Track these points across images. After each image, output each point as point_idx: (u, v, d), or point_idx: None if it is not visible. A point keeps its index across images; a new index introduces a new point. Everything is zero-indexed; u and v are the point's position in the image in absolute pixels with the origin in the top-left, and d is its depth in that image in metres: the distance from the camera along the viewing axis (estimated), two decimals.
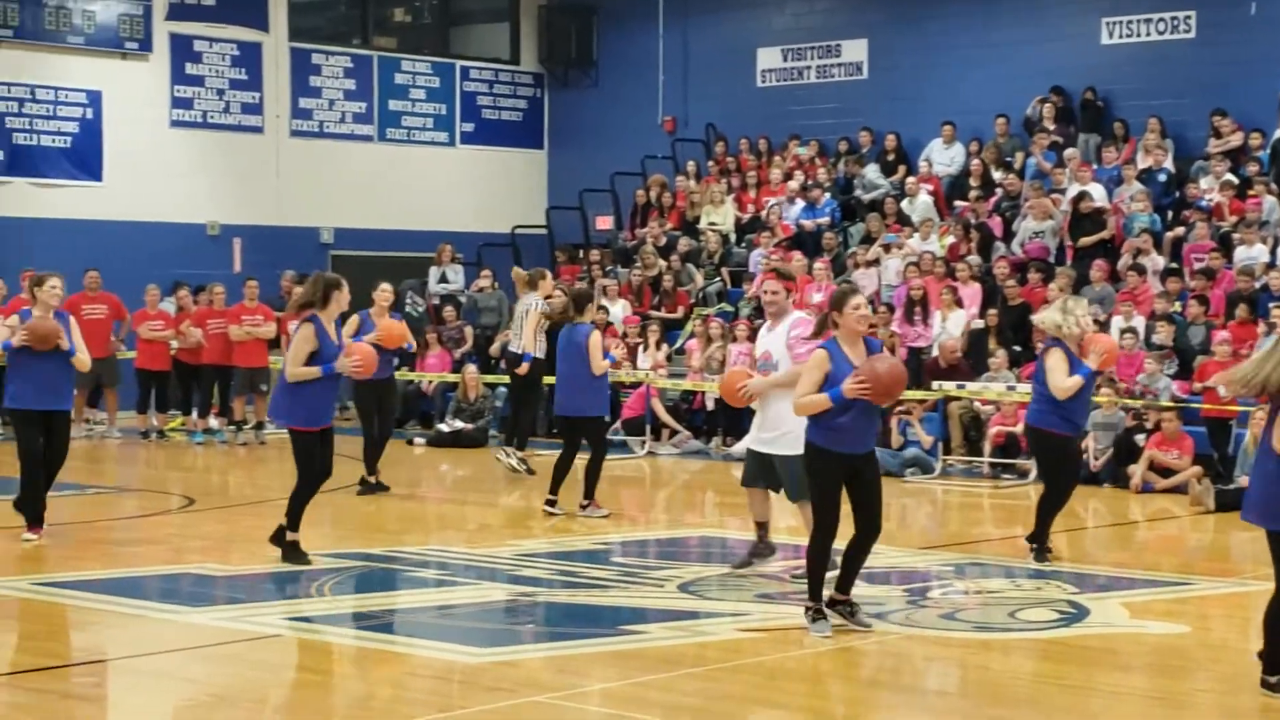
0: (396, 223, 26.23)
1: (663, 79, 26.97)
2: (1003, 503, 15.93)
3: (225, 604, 10.38)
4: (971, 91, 23.75)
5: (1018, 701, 8.01)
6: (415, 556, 12.07)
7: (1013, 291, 19.68)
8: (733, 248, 23.79)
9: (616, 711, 7.66)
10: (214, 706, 7.90)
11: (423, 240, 25.60)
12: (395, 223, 26.22)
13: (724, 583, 11.31)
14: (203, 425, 21.17)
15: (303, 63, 25.84)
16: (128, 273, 21.92)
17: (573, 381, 13.78)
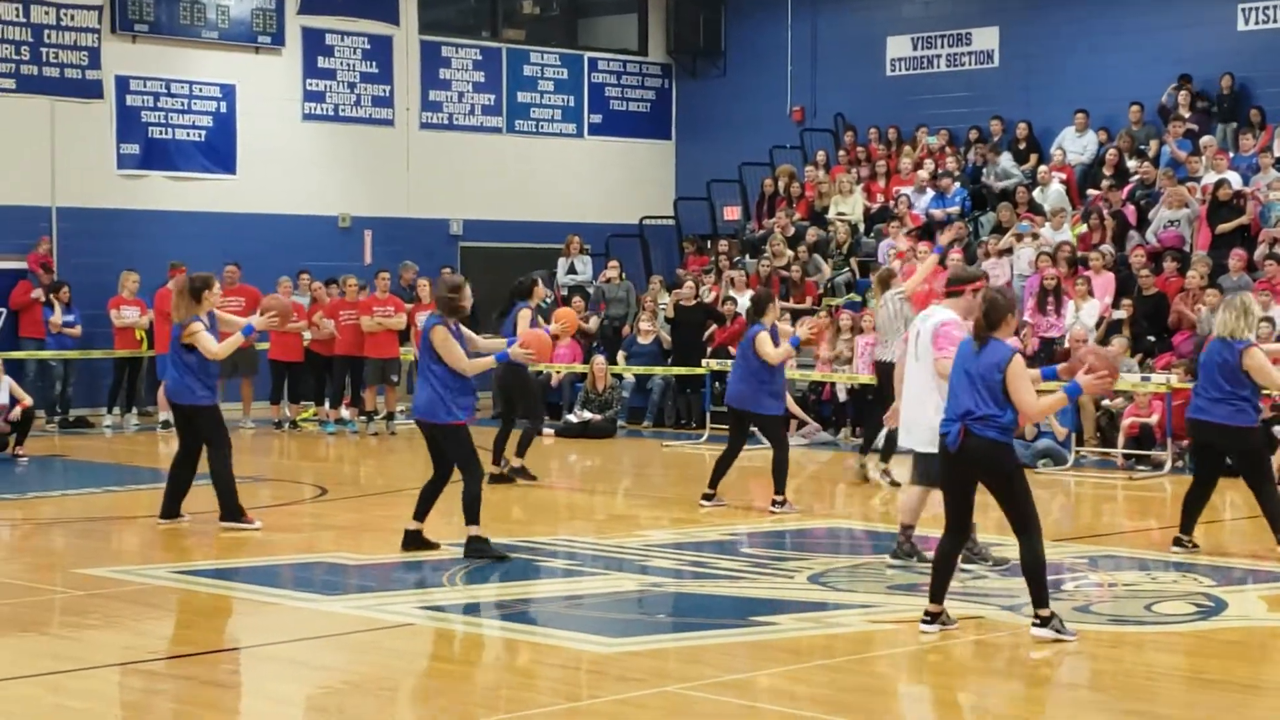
0: (525, 214, 26.38)
1: (791, 69, 26.87)
2: (1136, 495, 15.72)
3: (358, 593, 10.51)
4: (1104, 79, 23.42)
5: (1153, 696, 7.90)
6: (544, 546, 12.14)
7: (1147, 281, 19.39)
8: (861, 238, 23.66)
9: (746, 702, 7.66)
10: (347, 694, 8.00)
11: (551, 231, 25.73)
12: (523, 214, 26.37)
13: (854, 574, 11.27)
14: (334, 415, 21.44)
15: (432, 55, 26.06)
16: (261, 264, 22.27)
17: (747, 380, 13.78)
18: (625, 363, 22.24)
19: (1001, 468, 8.81)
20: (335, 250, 24.55)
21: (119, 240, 22.84)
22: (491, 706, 7.73)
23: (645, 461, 18.92)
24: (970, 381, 8.80)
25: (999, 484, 8.84)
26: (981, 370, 8.76)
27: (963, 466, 8.86)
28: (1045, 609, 8.85)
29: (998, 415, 8.71)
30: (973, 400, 8.75)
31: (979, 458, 8.76)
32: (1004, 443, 8.80)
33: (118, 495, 15.24)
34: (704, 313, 22.23)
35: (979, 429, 8.72)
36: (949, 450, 8.86)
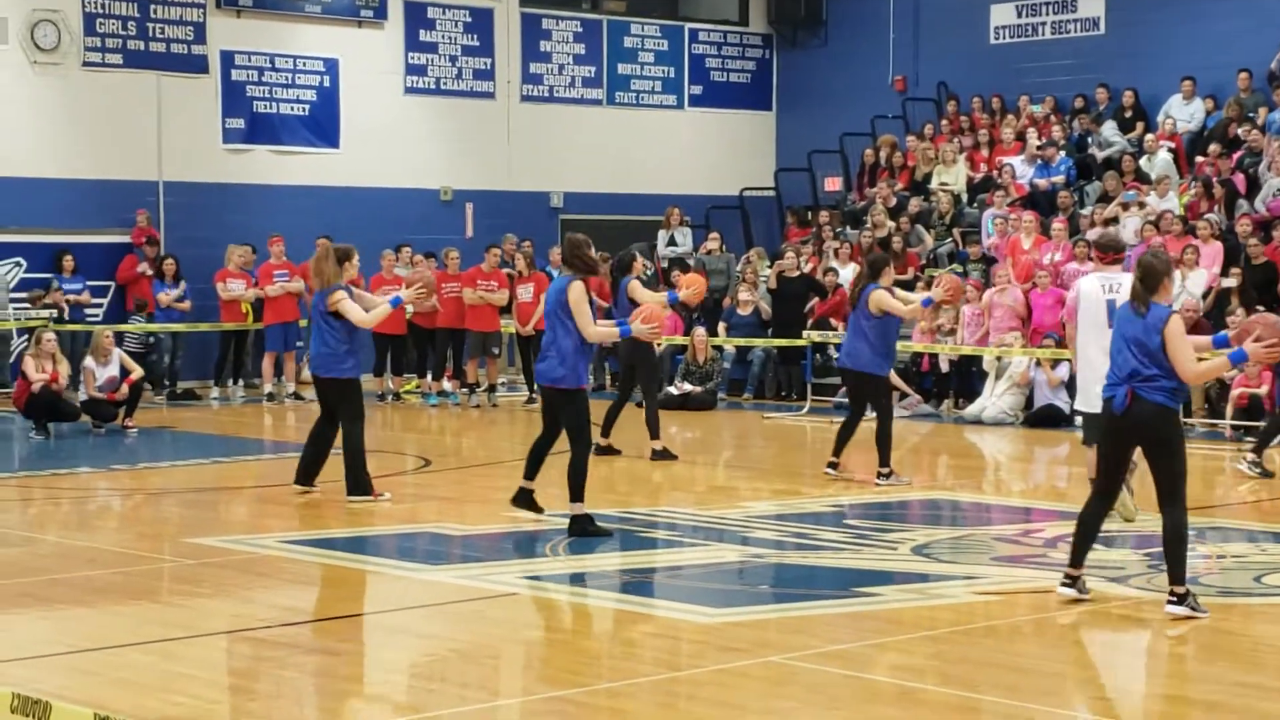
0: (625, 186, 26.39)
1: (893, 38, 26.67)
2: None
3: (461, 562, 10.59)
4: (1212, 45, 23.06)
5: (1263, 667, 7.81)
6: (645, 517, 12.17)
7: (1256, 250, 19.09)
8: (964, 208, 23.47)
9: (849, 672, 7.65)
10: (452, 662, 8.08)
11: (651, 203, 25.73)
12: (624, 186, 26.39)
13: (957, 546, 11.22)
14: (437, 388, 21.58)
15: (533, 27, 26.11)
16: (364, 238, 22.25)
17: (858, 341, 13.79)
18: (725, 334, 22.21)
19: (1166, 433, 8.76)
20: (437, 223, 24.70)
21: (224, 214, 23.11)
22: (595, 675, 7.77)
23: (746, 433, 18.91)
24: (1131, 345, 8.75)
25: (1161, 449, 8.77)
26: (1142, 333, 8.70)
27: (1127, 430, 8.80)
28: (1181, 586, 8.75)
29: (1164, 378, 8.65)
30: (1138, 363, 8.69)
31: (1146, 421, 8.69)
32: (1172, 407, 8.76)
33: (225, 466, 15.44)
34: (805, 284, 22.14)
35: (1146, 392, 8.66)
36: (1115, 413, 8.79)
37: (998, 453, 17.15)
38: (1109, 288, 11.43)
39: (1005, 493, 14.39)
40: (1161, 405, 8.68)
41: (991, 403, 19.10)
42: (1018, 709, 7.07)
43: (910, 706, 7.13)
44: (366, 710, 7.26)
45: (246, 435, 18.29)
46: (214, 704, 7.23)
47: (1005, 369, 19.22)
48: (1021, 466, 16.41)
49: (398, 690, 7.69)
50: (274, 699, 7.37)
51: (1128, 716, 7.15)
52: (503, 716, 7.16)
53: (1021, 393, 19.04)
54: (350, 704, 7.31)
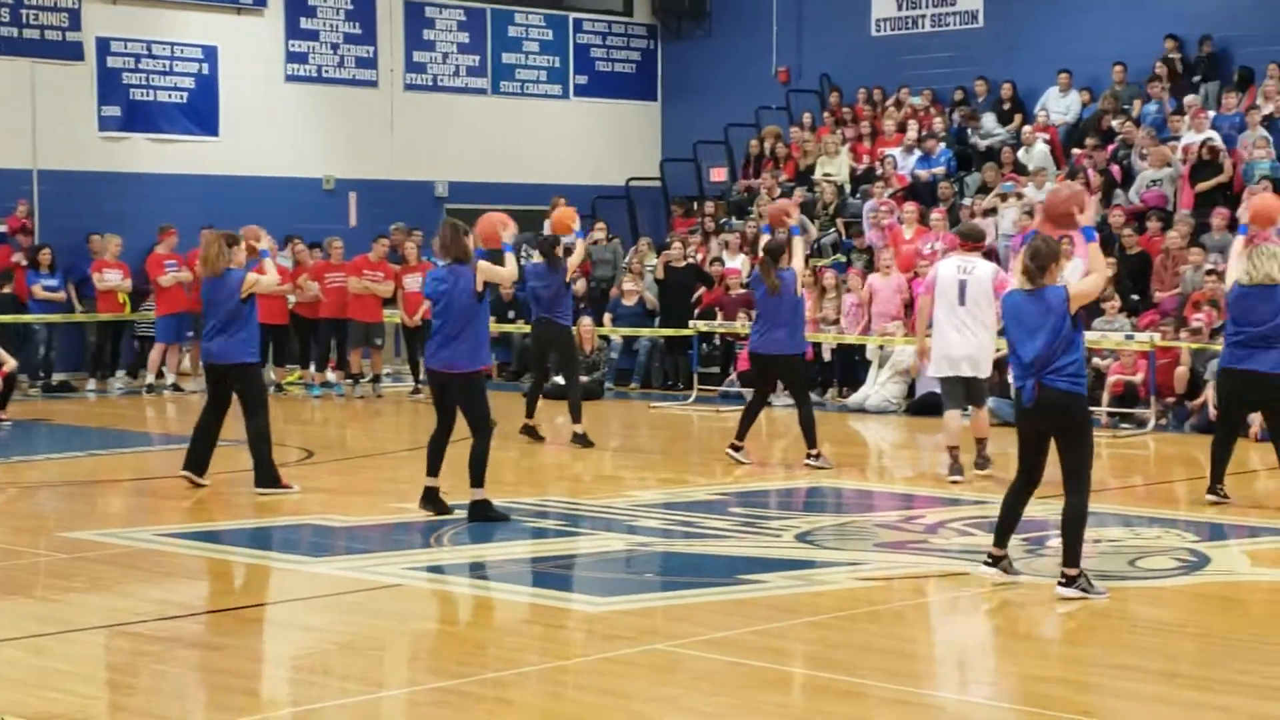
0: (510, 176, 26.33)
1: (776, 29, 26.81)
2: (1121, 452, 15.76)
3: (345, 554, 10.51)
4: (1088, 39, 23.41)
5: (1138, 649, 7.94)
6: (532, 507, 12.16)
7: (1130, 241, 19.41)
8: (848, 199, 23.65)
9: (734, 659, 7.69)
10: (336, 655, 8.01)
11: (537, 193, 25.66)
12: (509, 176, 26.32)
13: (841, 532, 11.31)
14: (320, 379, 21.42)
15: (416, 16, 25.97)
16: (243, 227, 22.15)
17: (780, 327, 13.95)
18: (611, 324, 22.23)
19: (1076, 418, 8.89)
20: (320, 212, 24.49)
21: (101, 203, 22.76)
22: (480, 665, 7.75)
23: (632, 423, 18.95)
24: (1033, 334, 8.83)
25: (1071, 435, 8.90)
26: (1045, 319, 8.78)
27: (1038, 419, 8.91)
28: (1074, 569, 8.87)
29: (1067, 363, 8.75)
30: (1040, 351, 8.79)
31: (1055, 408, 8.81)
32: (1079, 392, 8.87)
33: (101, 459, 15.22)
34: (692, 274, 22.21)
35: (1052, 380, 8.77)
36: (1024, 405, 8.89)
37: (881, 440, 17.31)
38: (963, 269, 13.13)
39: (888, 480, 14.53)
40: (1068, 391, 8.81)
41: (874, 391, 19.27)
42: (899, 693, 7.15)
43: (793, 692, 7.18)
44: (248, 704, 7.19)
45: (124, 428, 18.03)
46: (92, 700, 7.12)
47: (888, 358, 19.40)
48: (904, 454, 16.57)
49: (280, 684, 7.62)
50: (153, 694, 7.27)
51: (1005, 699, 7.24)
52: (387, 708, 7.13)
53: (904, 381, 19.23)
54: (232, 698, 7.23)
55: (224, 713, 7.00)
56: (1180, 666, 7.66)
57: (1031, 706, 7.03)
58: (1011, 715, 6.99)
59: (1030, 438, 9.06)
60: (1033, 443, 9.06)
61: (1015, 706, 7.08)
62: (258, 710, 7.07)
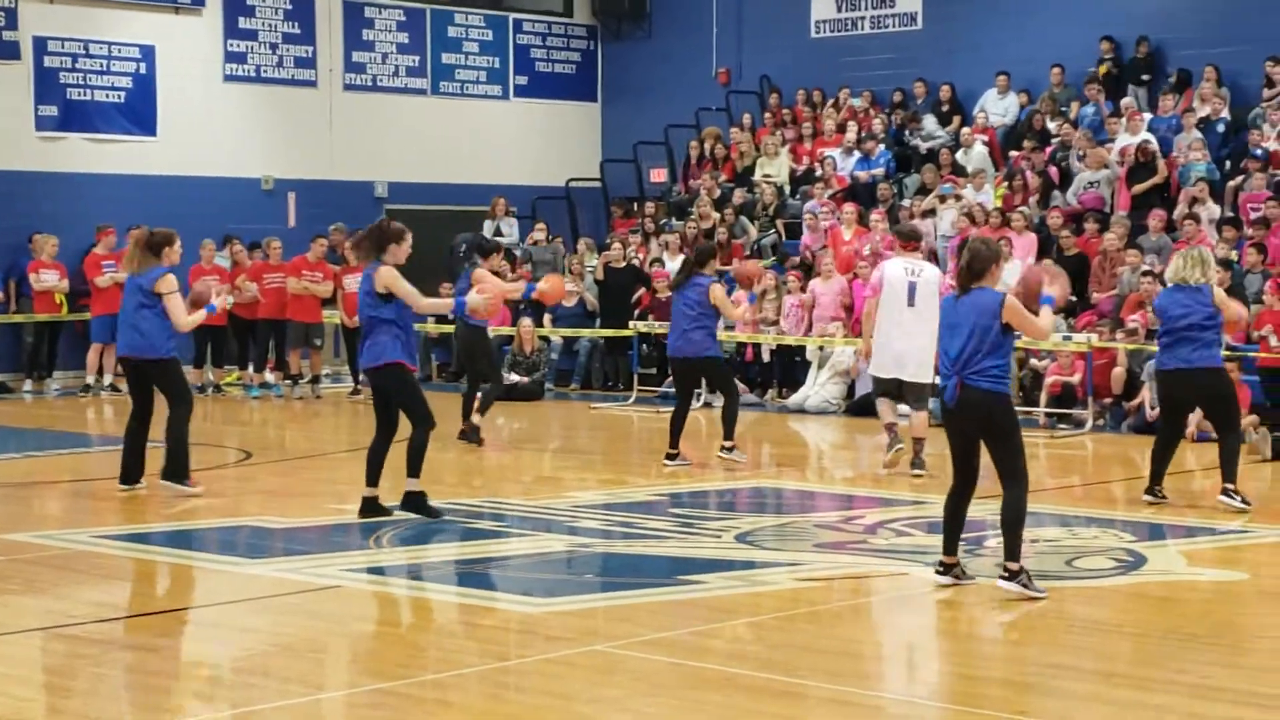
0: (450, 176, 26.28)
1: (716, 30, 26.87)
2: (1058, 452, 15.88)
3: (284, 556, 10.47)
4: (1026, 41, 23.57)
5: (1076, 649, 8.00)
6: (472, 508, 12.14)
7: (1068, 242, 19.56)
8: (787, 200, 23.72)
9: (674, 660, 7.70)
10: (274, 656, 7.98)
11: (477, 193, 25.66)
12: (449, 176, 26.27)
13: (781, 533, 11.34)
14: (259, 380, 21.31)
15: (355, 16, 25.88)
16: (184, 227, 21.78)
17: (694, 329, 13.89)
18: (552, 325, 22.22)
19: (1000, 417, 8.92)
20: (259, 213, 24.37)
21: (38, 203, 22.57)
22: (420, 667, 7.73)
23: (573, 423, 18.95)
24: (961, 333, 8.87)
25: (996, 433, 8.94)
26: (974, 320, 8.83)
27: (962, 419, 8.94)
28: (1015, 563, 8.92)
29: (992, 364, 8.79)
30: (966, 352, 8.83)
31: (978, 408, 8.84)
32: (1001, 392, 8.91)
33: (38, 460, 15.10)
34: (632, 275, 22.23)
35: (974, 379, 8.80)
36: (947, 404, 8.93)
37: (821, 441, 17.38)
38: (911, 271, 13.33)
39: (828, 480, 14.58)
40: (990, 390, 8.85)
41: (814, 392, 19.34)
42: (838, 692, 7.18)
43: (732, 692, 7.20)
44: (187, 706, 7.15)
45: (61, 429, 17.89)
46: (28, 702, 7.07)
47: (828, 359, 19.48)
48: (844, 454, 16.64)
49: (219, 686, 7.58)
50: (91, 697, 7.22)
51: (944, 698, 7.29)
52: (326, 710, 7.10)
53: (844, 382, 19.31)
54: (170, 700, 7.19)
55: (162, 715, 6.95)
56: (1117, 666, 7.73)
57: (969, 706, 7.08)
58: (949, 715, 7.03)
59: (957, 437, 9.09)
60: (961, 443, 9.09)
61: (953, 706, 7.12)
62: (196, 713, 7.03)
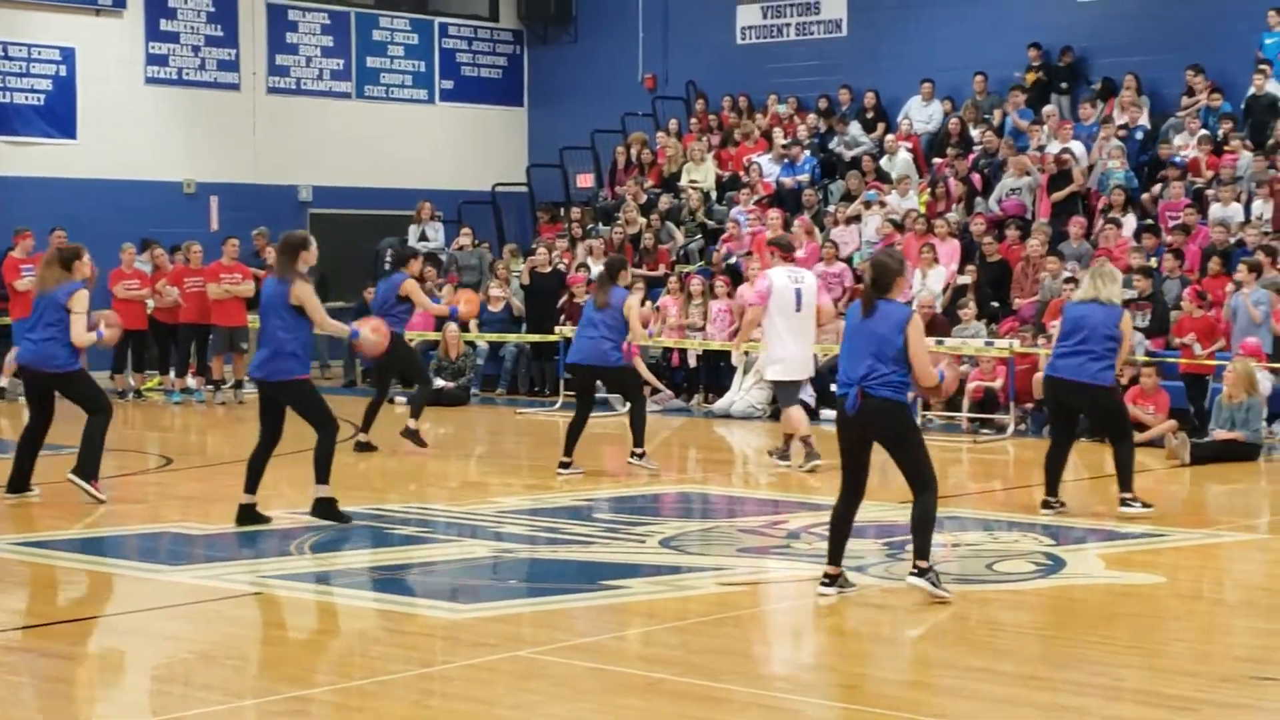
0: (375, 180, 26.18)
1: (642, 36, 26.91)
2: (980, 457, 16.01)
3: (205, 562, 10.39)
4: (949, 49, 23.74)
5: (995, 652, 8.07)
6: (397, 514, 12.09)
7: (990, 248, 19.72)
8: (713, 205, 23.78)
9: (596, 665, 7.70)
10: (195, 664, 7.92)
11: (402, 198, 25.56)
12: (374, 180, 26.17)
13: (706, 538, 11.37)
14: (180, 385, 21.14)
15: (279, 19, 25.74)
16: (104, 230, 21.83)
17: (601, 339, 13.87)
18: (478, 330, 22.17)
19: (899, 426, 8.97)
20: (180, 216, 24.18)
21: None
22: (344, 674, 7.70)
23: (499, 429, 18.91)
24: (864, 345, 8.90)
25: (897, 441, 8.97)
26: (879, 332, 8.87)
27: (861, 428, 8.97)
28: (925, 561, 8.99)
29: (891, 374, 8.84)
30: (868, 363, 8.86)
31: (877, 418, 8.88)
32: (901, 400, 8.95)
33: None
34: (558, 280, 22.22)
35: (874, 389, 8.85)
36: (848, 413, 8.95)
37: (746, 446, 17.42)
38: (794, 279, 14.21)
39: (752, 485, 14.63)
40: (889, 399, 8.89)
41: (740, 397, 19.39)
42: (760, 697, 7.21)
43: (654, 697, 7.21)
44: (105, 714, 7.09)
45: None
46: None
47: (753, 364, 19.53)
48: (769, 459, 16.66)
49: (137, 693, 7.52)
50: (7, 705, 7.14)
51: (867, 702, 7.32)
52: (247, 718, 7.05)
53: (769, 387, 19.34)
54: (87, 708, 7.13)
55: None
56: (1035, 668, 7.80)
57: (889, 709, 7.12)
58: (869, 718, 7.07)
59: (851, 446, 9.09)
60: (853, 451, 9.09)
61: (873, 710, 7.16)
62: None
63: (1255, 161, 19.63)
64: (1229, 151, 20.08)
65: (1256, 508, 13.53)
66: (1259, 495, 14.13)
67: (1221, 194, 19.38)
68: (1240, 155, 19.91)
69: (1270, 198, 19.12)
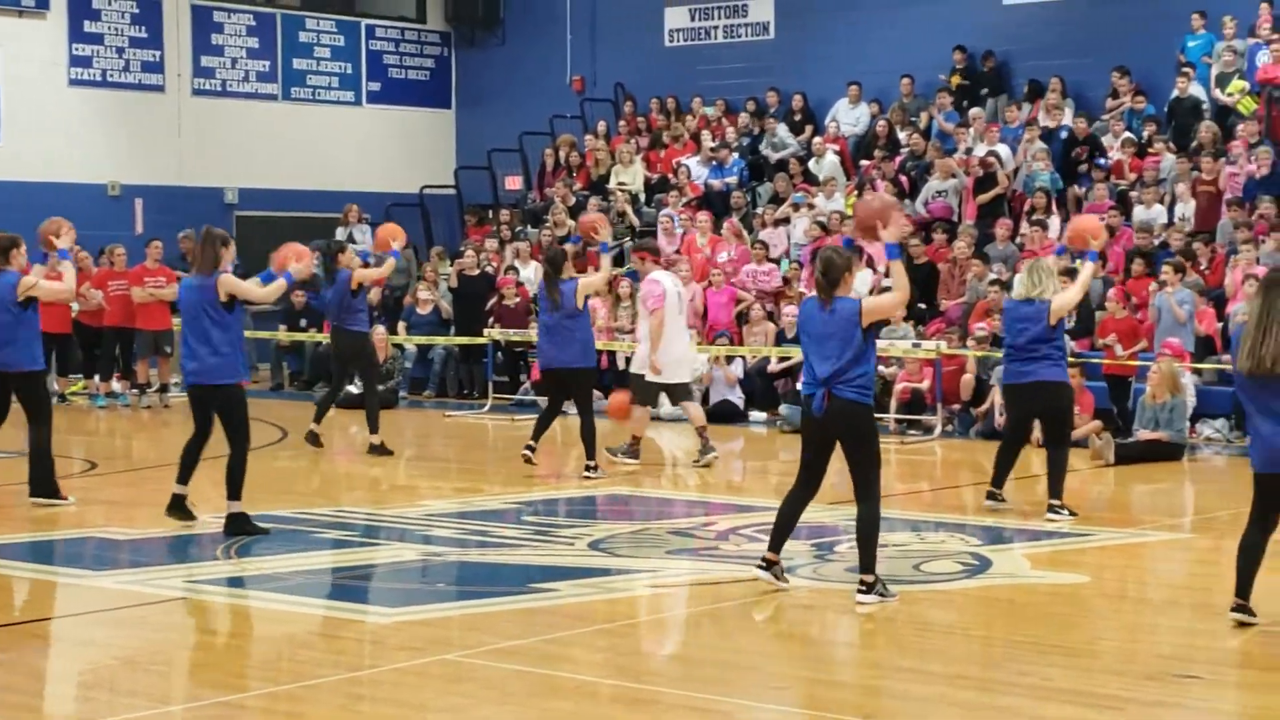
0: (302, 183, 26.04)
1: (570, 38, 26.90)
2: (908, 458, 16.09)
3: (130, 567, 10.30)
4: (876, 52, 23.86)
5: (922, 652, 8.11)
6: (325, 518, 12.03)
7: (917, 250, 19.83)
8: (642, 207, 23.80)
9: (526, 668, 7.69)
10: (120, 670, 7.85)
11: (329, 200, 25.43)
12: (301, 183, 26.03)
13: (635, 540, 11.37)
14: (105, 389, 20.96)
15: (204, 20, 25.56)
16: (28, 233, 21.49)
17: (571, 340, 13.84)
18: (406, 333, 22.09)
19: (863, 428, 8.98)
20: (105, 219, 23.95)
21: None
22: (270, 679, 7.65)
23: (427, 432, 18.85)
24: (830, 344, 8.92)
25: (858, 444, 8.99)
26: (839, 328, 8.89)
27: (827, 429, 8.99)
28: (870, 575, 8.99)
29: (857, 374, 8.86)
30: (832, 363, 8.88)
31: (843, 419, 8.90)
32: (866, 403, 8.97)
33: None
34: (486, 282, 22.17)
35: (841, 390, 8.86)
36: (814, 414, 8.97)
37: (675, 448, 17.42)
38: (674, 282, 14.94)
39: (682, 487, 14.64)
40: (855, 401, 8.92)
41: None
42: (688, 698, 7.22)
43: (582, 700, 7.21)
44: None
45: None
46: None
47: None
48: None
49: (62, 700, 7.45)
50: None
51: (794, 703, 7.35)
52: None
53: (699, 389, 19.37)
54: (13, 715, 7.04)
55: None
56: (962, 668, 7.85)
57: (818, 710, 7.15)
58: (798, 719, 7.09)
59: (815, 444, 9.16)
60: (816, 450, 9.16)
61: (802, 711, 7.19)
62: None
63: (1178, 163, 19.84)
64: (1152, 154, 20.28)
65: (1180, 507, 13.67)
66: (1183, 495, 14.29)
67: (1145, 196, 19.58)
68: (1163, 157, 20.12)
69: (1193, 199, 19.33)
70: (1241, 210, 18.49)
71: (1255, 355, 8.17)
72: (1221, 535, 10.97)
